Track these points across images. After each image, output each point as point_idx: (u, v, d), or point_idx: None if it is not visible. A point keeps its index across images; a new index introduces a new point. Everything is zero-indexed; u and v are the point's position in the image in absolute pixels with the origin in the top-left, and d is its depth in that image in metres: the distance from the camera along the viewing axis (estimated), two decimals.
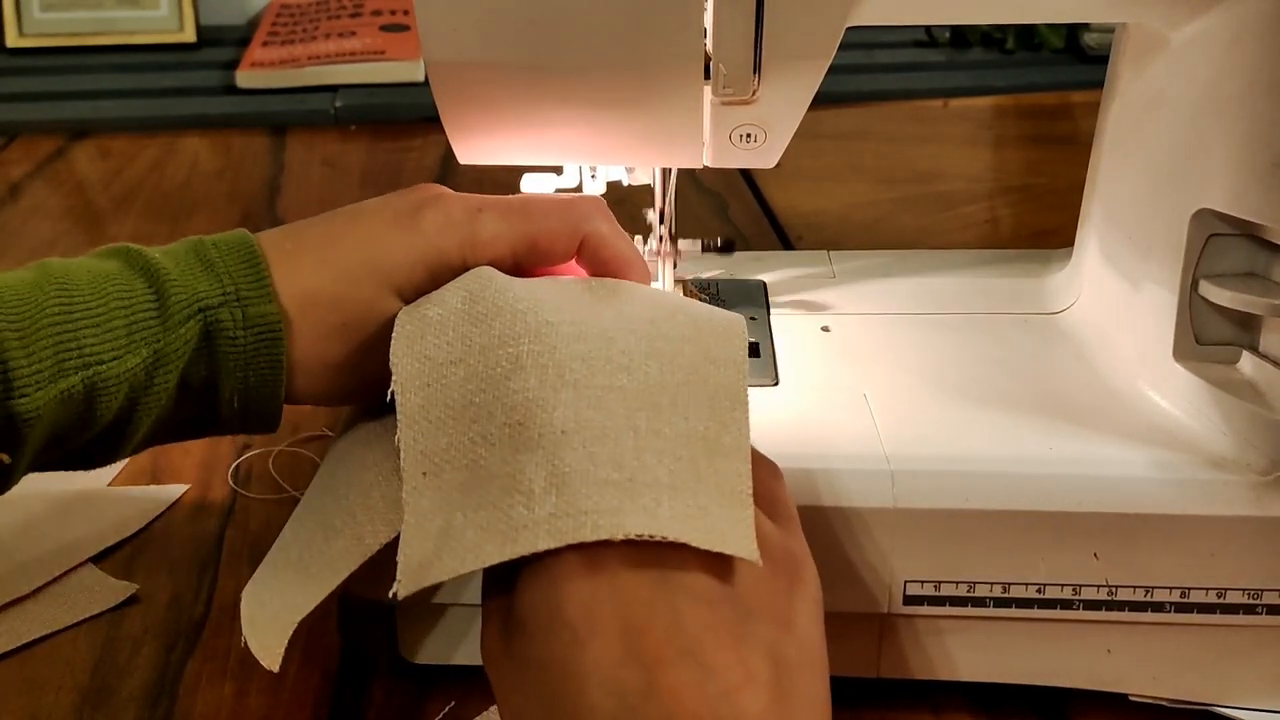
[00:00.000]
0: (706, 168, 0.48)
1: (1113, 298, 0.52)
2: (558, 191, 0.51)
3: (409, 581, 0.35)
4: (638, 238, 0.53)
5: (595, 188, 0.52)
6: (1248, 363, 0.47)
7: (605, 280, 0.43)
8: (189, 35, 1.25)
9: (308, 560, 0.39)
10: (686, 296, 0.56)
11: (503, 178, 0.51)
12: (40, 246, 0.87)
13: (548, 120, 0.46)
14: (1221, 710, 0.46)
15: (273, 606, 0.39)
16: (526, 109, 0.45)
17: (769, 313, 0.55)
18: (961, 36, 1.23)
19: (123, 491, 0.60)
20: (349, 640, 0.51)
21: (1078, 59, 1.19)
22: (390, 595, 0.35)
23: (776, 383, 0.50)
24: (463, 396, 0.37)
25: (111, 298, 0.38)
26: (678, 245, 0.53)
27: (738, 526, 0.35)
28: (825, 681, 0.35)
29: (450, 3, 0.42)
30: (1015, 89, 1.14)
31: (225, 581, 0.54)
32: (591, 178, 0.52)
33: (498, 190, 0.45)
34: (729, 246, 0.54)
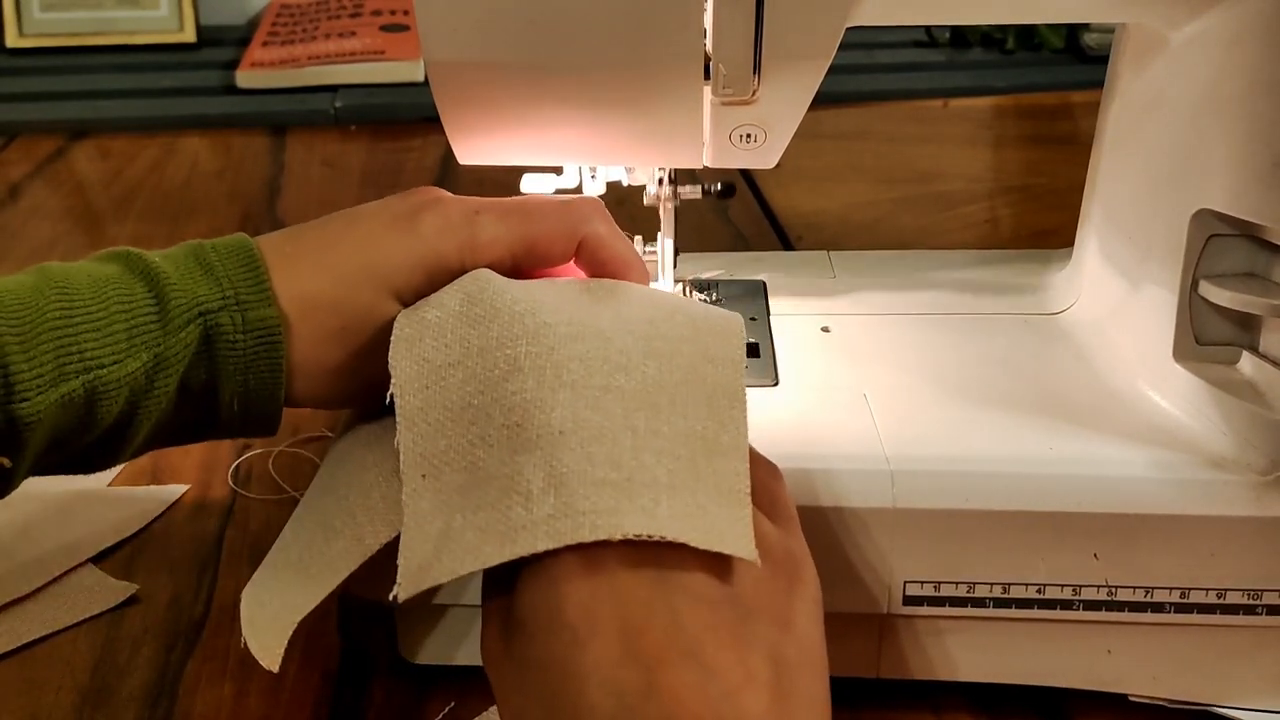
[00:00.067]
0: (706, 168, 0.48)
1: (1113, 298, 0.52)
2: (557, 192, 0.51)
3: (409, 584, 0.35)
4: (638, 238, 0.53)
5: (595, 188, 0.51)
6: (1248, 363, 0.47)
7: (603, 281, 0.43)
8: (189, 35, 1.25)
9: (308, 561, 0.39)
10: (686, 296, 0.56)
11: (503, 178, 0.51)
12: (40, 247, 0.87)
13: (548, 120, 0.46)
14: (1221, 710, 0.46)
15: (272, 607, 0.39)
16: (526, 109, 0.45)
17: (769, 313, 0.55)
18: (961, 36, 1.23)
19: (123, 492, 0.60)
20: (349, 640, 0.51)
21: (1078, 59, 1.19)
22: (391, 598, 0.35)
23: (776, 383, 0.50)
24: (461, 398, 0.37)
25: (112, 302, 0.38)
26: (677, 190, 0.53)
27: (736, 526, 0.35)
28: (825, 682, 0.35)
29: (450, 3, 0.42)
30: (1015, 89, 1.14)
31: (225, 582, 0.54)
32: (591, 178, 0.52)
33: (497, 191, 0.45)
34: (729, 190, 0.54)
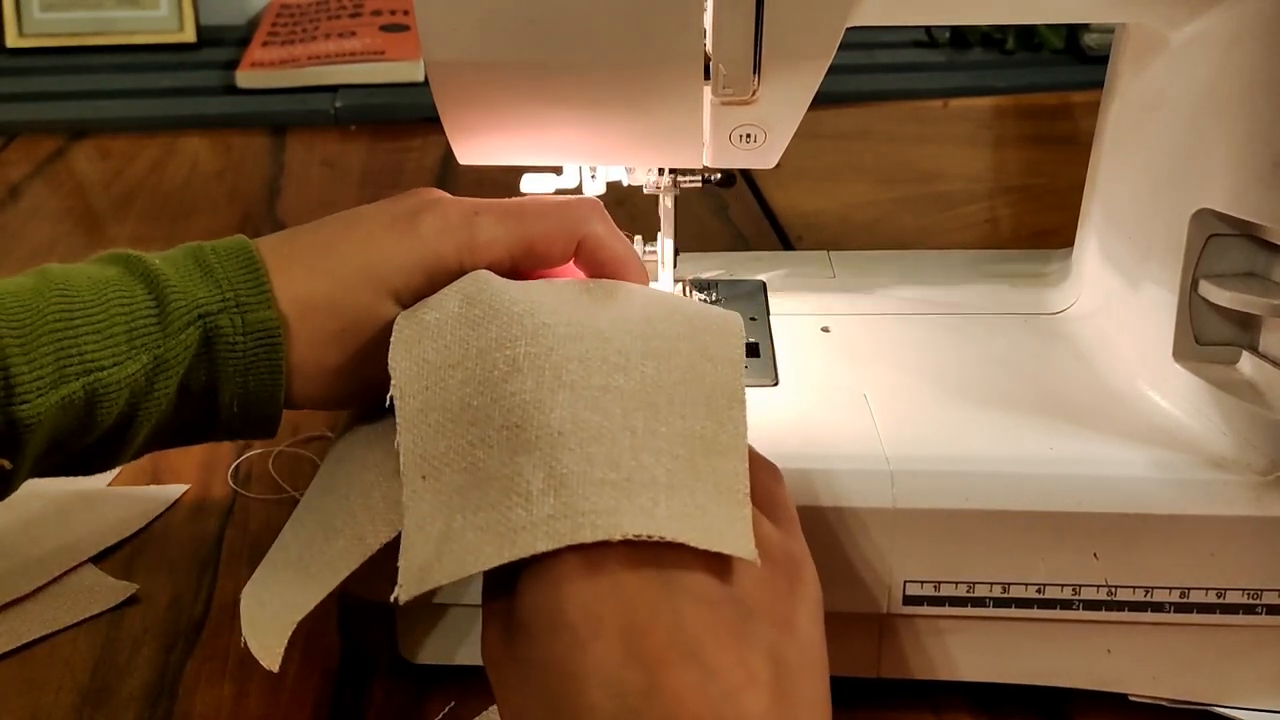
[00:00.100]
0: (706, 168, 0.48)
1: (1113, 298, 0.52)
2: (557, 192, 0.50)
3: (410, 585, 0.35)
4: (638, 238, 0.53)
5: (595, 188, 0.51)
6: (1248, 363, 0.47)
7: (602, 281, 0.43)
8: (189, 35, 1.25)
9: (308, 560, 0.39)
10: (685, 296, 0.56)
11: (502, 178, 0.51)
12: (40, 247, 0.87)
13: (548, 120, 0.46)
14: (1221, 710, 0.46)
15: (273, 606, 0.39)
16: (526, 109, 0.45)
17: (769, 313, 0.55)
18: (961, 36, 1.23)
19: (123, 491, 0.60)
20: (349, 640, 0.51)
21: (1078, 59, 1.19)
22: (392, 599, 0.35)
23: (776, 383, 0.50)
24: (461, 399, 0.37)
25: (112, 304, 0.38)
26: (677, 179, 0.53)
27: (735, 525, 0.35)
28: (826, 683, 0.35)
29: (450, 3, 0.42)
30: (1015, 89, 1.14)
31: (225, 582, 0.54)
32: (591, 178, 0.52)
33: (497, 191, 0.45)
34: (729, 180, 0.53)
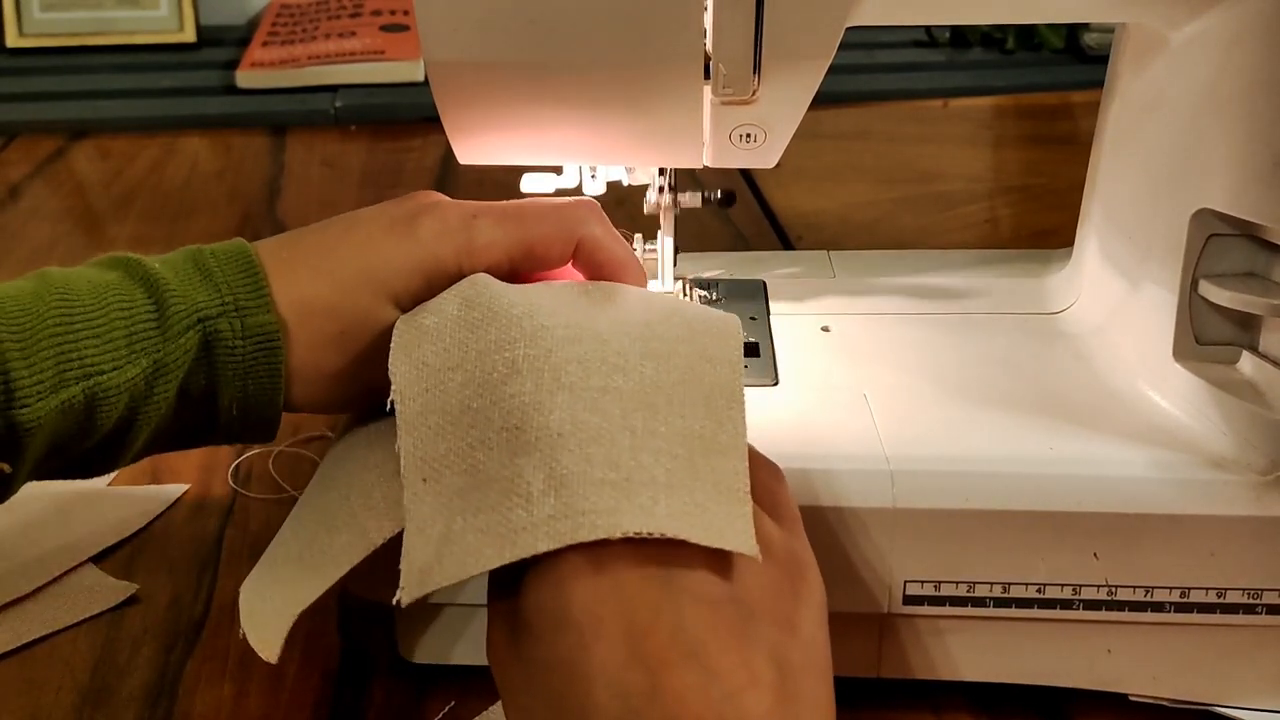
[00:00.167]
0: (706, 168, 0.48)
1: (1113, 298, 0.52)
2: (557, 192, 0.50)
3: (412, 587, 0.35)
4: (637, 237, 0.53)
5: (595, 188, 0.51)
6: (1248, 363, 0.47)
7: (600, 284, 0.43)
8: (189, 35, 1.25)
9: (309, 555, 0.39)
10: (685, 296, 0.56)
11: (502, 178, 0.51)
12: (40, 248, 0.87)
13: (548, 120, 0.46)
14: (1221, 710, 0.46)
15: (273, 600, 0.39)
16: (526, 109, 0.45)
17: (769, 313, 0.55)
18: (961, 36, 1.23)
19: (123, 491, 0.60)
20: (349, 640, 0.51)
21: (1078, 59, 1.19)
22: (394, 602, 0.35)
23: (776, 383, 0.50)
24: (460, 402, 0.37)
25: (112, 308, 0.38)
26: (677, 198, 0.53)
27: (736, 523, 0.35)
28: (829, 684, 0.35)
29: (450, 3, 0.42)
30: (1015, 89, 1.14)
31: (225, 582, 0.54)
32: (591, 178, 0.52)
33: (498, 190, 0.45)
34: (729, 198, 0.53)
